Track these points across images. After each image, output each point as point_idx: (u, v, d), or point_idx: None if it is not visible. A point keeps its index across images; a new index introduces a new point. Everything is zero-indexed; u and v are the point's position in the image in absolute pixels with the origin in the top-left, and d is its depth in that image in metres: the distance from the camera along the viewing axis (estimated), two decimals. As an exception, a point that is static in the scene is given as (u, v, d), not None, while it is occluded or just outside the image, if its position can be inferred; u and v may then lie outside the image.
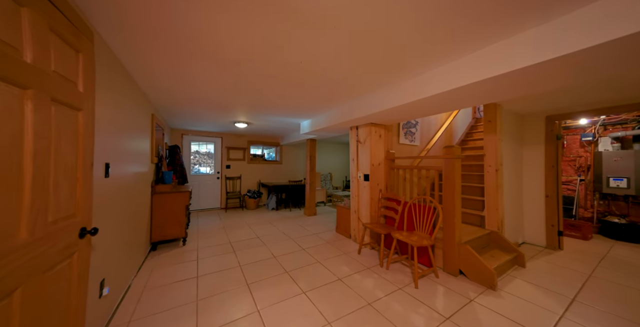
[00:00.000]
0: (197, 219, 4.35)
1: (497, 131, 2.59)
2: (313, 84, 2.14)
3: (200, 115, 3.57)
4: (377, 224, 2.67)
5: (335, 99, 2.62)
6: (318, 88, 2.25)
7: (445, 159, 2.25)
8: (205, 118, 3.76)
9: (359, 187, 3.06)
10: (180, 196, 2.93)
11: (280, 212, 4.98)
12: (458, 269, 2.14)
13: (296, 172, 6.34)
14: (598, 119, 3.57)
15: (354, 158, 3.15)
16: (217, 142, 5.34)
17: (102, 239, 1.41)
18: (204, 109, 3.13)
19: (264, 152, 6.22)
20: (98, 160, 1.34)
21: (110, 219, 1.53)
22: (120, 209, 1.71)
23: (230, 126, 4.46)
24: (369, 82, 2.10)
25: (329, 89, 2.26)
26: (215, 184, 5.28)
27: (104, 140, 1.42)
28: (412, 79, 2.01)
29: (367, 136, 2.93)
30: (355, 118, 2.77)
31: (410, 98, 2.02)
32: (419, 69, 1.81)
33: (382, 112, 2.45)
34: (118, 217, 1.67)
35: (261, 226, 3.94)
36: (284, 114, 3.37)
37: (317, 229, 3.73)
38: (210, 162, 5.34)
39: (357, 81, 2.07)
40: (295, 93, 2.41)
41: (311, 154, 4.68)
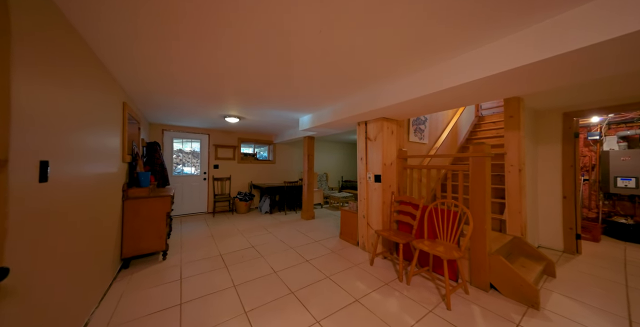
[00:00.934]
0: (180, 227, 3.83)
1: (520, 127, 2.37)
2: (321, 66, 1.77)
3: (185, 107, 3.08)
4: (391, 231, 2.36)
5: (344, 89, 2.28)
6: (327, 73, 1.89)
7: (474, 158, 1.97)
8: (190, 111, 3.27)
9: (368, 190, 2.73)
10: (160, 201, 2.46)
11: (275, 216, 4.56)
12: (488, 282, 1.88)
13: (291, 173, 5.94)
14: (606, 117, 3.51)
15: (362, 157, 2.82)
16: (204, 140, 4.82)
17: (32, 272, 0.97)
18: (190, 97, 2.66)
19: (255, 151, 5.76)
20: (24, 157, 0.90)
21: (50, 239, 1.08)
22: (70, 223, 1.26)
23: (219, 121, 3.98)
24: (385, 67, 1.77)
25: (338, 75, 1.91)
26: (202, 186, 4.76)
27: (38, 130, 0.97)
28: (434, 66, 1.74)
29: (379, 133, 2.61)
30: (365, 112, 2.44)
31: (432, 89, 1.76)
32: (445, 52, 1.52)
33: (397, 105, 2.14)
34: (65, 234, 1.22)
35: (255, 232, 3.51)
36: (282, 106, 2.97)
37: (319, 235, 3.37)
38: (196, 161, 4.81)
39: (371, 64, 1.73)
40: (298, 75, 2.04)
41: (309, 153, 4.31)
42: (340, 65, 1.76)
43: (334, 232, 3.53)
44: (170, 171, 4.41)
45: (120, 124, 2.20)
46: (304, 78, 2.01)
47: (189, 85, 2.24)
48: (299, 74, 1.93)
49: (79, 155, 1.37)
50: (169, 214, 2.58)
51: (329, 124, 3.12)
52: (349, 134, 5.38)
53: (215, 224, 3.96)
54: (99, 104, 1.67)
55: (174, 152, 4.54)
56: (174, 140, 4.54)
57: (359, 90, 2.34)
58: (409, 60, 1.66)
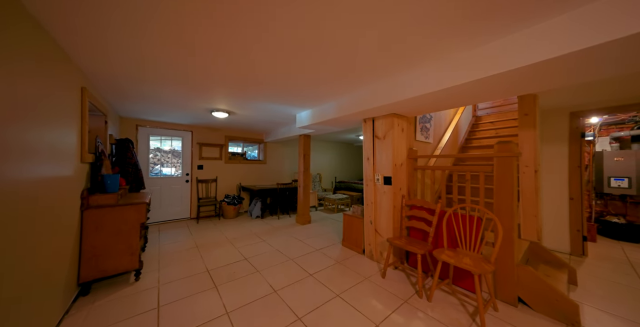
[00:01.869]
0: (158, 236, 3.33)
1: (536, 126, 2.24)
2: (328, 55, 1.48)
3: (164, 99, 2.62)
4: (403, 239, 2.11)
5: (351, 81, 2.00)
6: (333, 62, 1.60)
7: (498, 158, 1.78)
8: (170, 103, 2.81)
9: (376, 193, 2.48)
10: (132, 210, 2.01)
11: (267, 221, 4.18)
12: (516, 296, 1.69)
13: (283, 173, 5.56)
14: (601, 118, 3.56)
15: (368, 157, 2.56)
16: (186, 137, 4.30)
17: None
18: (169, 86, 2.23)
19: (244, 150, 5.31)
20: None
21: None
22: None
23: (204, 117, 3.52)
24: (404, 52, 1.51)
25: (345, 65, 1.63)
26: (184, 189, 4.25)
27: None
28: (452, 55, 1.53)
29: (389, 130, 2.36)
30: (373, 107, 2.18)
31: (451, 82, 1.57)
32: (465, 41, 1.33)
33: (412, 100, 1.91)
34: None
35: (247, 241, 3.13)
36: (280, 100, 2.62)
37: (319, 242, 3.06)
38: (177, 161, 4.29)
39: (384, 53, 1.46)
40: (301, 64, 1.72)
41: (305, 152, 3.99)
42: (347, 54, 1.47)
43: (334, 238, 3.24)
44: (146, 172, 3.87)
45: (77, 114, 1.74)
46: (307, 68, 1.70)
47: (169, 70, 1.83)
48: (302, 63, 1.62)
49: (5, 154, 0.95)
50: (144, 224, 2.14)
51: (331, 121, 2.82)
52: (344, 133, 5.14)
53: (200, 232, 3.50)
54: (41, 88, 1.23)
55: (150, 150, 3.99)
56: (151, 137, 3.99)
57: (367, 83, 2.07)
58: (427, 48, 1.42)
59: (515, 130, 3.62)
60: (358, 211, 2.79)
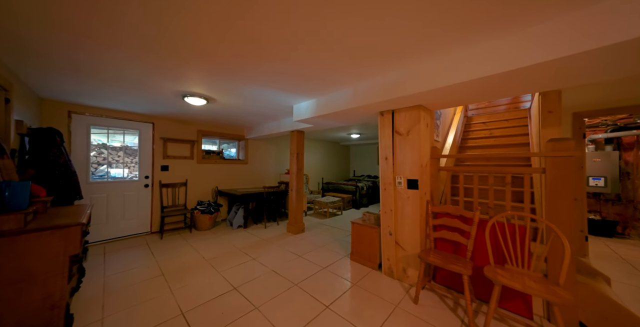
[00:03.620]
0: (103, 262, 2.44)
1: (560, 124, 2.10)
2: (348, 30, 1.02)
3: (113, 73, 1.83)
4: (439, 254, 1.75)
5: (371, 64, 1.56)
6: (352, 42, 1.14)
7: (554, 158, 1.53)
8: (123, 81, 2.01)
9: (396, 198, 2.09)
10: (53, 238, 1.27)
11: (253, 231, 3.51)
12: (578, 321, 1.45)
13: (267, 175, 4.89)
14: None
15: (387, 156, 2.15)
16: (145, 131, 3.37)
17: None
18: (122, 55, 1.50)
19: (221, 148, 4.51)
20: None
21: None
22: None
23: (173, 103, 2.72)
24: (444, 32, 1.14)
25: (366, 44, 1.19)
26: (142, 196, 3.32)
27: None
28: (512, 35, 1.27)
29: (414, 125, 1.99)
30: (397, 97, 1.80)
31: (497, 68, 1.32)
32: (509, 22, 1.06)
33: (447, 89, 1.59)
34: None
35: (232, 260, 2.46)
36: (278, 85, 2.05)
37: (322, 257, 2.56)
38: (131, 161, 3.34)
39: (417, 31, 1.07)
40: (313, 39, 1.22)
41: (298, 151, 3.44)
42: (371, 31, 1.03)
43: (338, 250, 2.77)
44: (85, 175, 2.88)
45: None
46: (318, 45, 1.21)
47: (122, 26, 1.14)
48: (314, 37, 1.13)
49: None
50: (76, 257, 1.38)
51: (340, 114, 2.34)
52: (335, 131, 4.72)
53: (165, 252, 2.70)
54: None
55: (92, 147, 3.00)
56: (94, 129, 2.99)
57: (391, 67, 1.67)
58: (468, 27, 1.08)
59: (508, 130, 3.63)
60: (371, 219, 2.38)
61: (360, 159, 7.19)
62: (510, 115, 3.89)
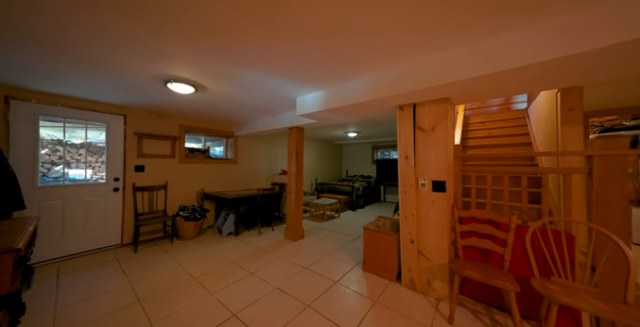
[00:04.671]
0: (55, 288, 1.91)
1: (581, 122, 2.02)
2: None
3: (68, 43, 1.37)
4: (473, 265, 1.55)
5: (403, 46, 1.31)
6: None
7: (603, 157, 1.39)
8: (83, 57, 1.53)
9: (419, 202, 1.86)
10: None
11: (245, 239, 3.11)
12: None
13: (259, 176, 4.47)
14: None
15: (407, 155, 1.92)
16: (115, 124, 2.81)
17: None
18: (89, 16, 1.07)
19: (207, 145, 4.01)
20: None
21: None
22: None
23: (152, 91, 2.25)
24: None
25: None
26: (111, 201, 2.76)
27: None
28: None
29: (440, 120, 1.77)
30: (422, 88, 1.59)
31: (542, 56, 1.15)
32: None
33: (485, 78, 1.39)
34: None
35: (226, 277, 2.07)
36: (286, 71, 1.71)
37: (330, 268, 2.27)
38: (96, 160, 2.76)
39: None
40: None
41: (298, 150, 3.11)
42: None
43: (345, 258, 2.49)
44: (31, 178, 2.29)
45: None
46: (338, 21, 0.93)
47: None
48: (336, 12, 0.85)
49: None
50: (8, 297, 0.94)
51: (353, 108, 2.06)
52: (332, 129, 4.45)
53: (141, 268, 2.22)
54: None
55: (43, 143, 2.41)
56: (43, 120, 2.40)
57: (414, 55, 1.45)
58: (506, 10, 0.90)
59: (507, 130, 3.62)
60: (386, 225, 2.13)
61: (353, 159, 7.00)
62: (507, 115, 3.91)
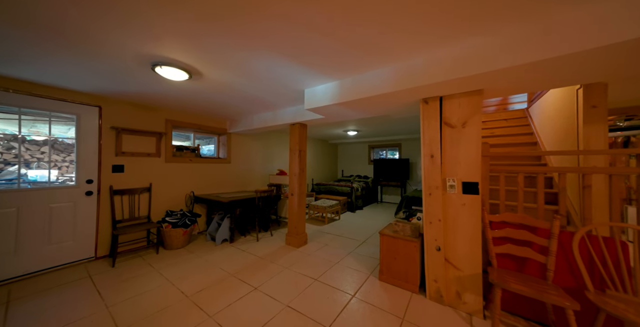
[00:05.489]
0: (2, 317, 1.50)
1: (605, 120, 1.94)
2: None
3: (40, 13, 1.01)
4: (514, 277, 1.39)
5: (440, 28, 1.12)
6: None
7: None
8: (46, 25, 1.17)
9: (446, 206, 1.67)
10: None
11: (242, 246, 2.79)
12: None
13: (254, 176, 4.13)
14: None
15: (433, 153, 1.73)
16: (88, 117, 2.38)
17: None
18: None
19: (197, 143, 3.62)
20: None
21: None
22: None
23: (135, 76, 1.87)
24: None
25: None
26: (82, 207, 2.33)
27: None
28: None
29: (472, 115, 1.60)
30: (454, 78, 1.41)
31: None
32: None
33: (530, 66, 1.23)
34: None
35: (226, 293, 1.76)
36: (299, 54, 1.45)
37: (343, 279, 2.03)
38: (64, 159, 2.32)
39: None
40: None
41: (301, 148, 2.84)
42: None
43: (356, 267, 2.27)
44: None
45: None
46: None
47: None
48: None
49: None
50: None
51: (372, 100, 1.83)
52: (331, 127, 4.22)
53: (120, 287, 1.84)
54: None
55: (-6, 137, 1.95)
56: (-4, 110, 1.94)
57: (448, 39, 1.26)
58: None
59: (508, 130, 3.59)
60: (406, 230, 1.93)
61: (348, 159, 6.82)
62: (507, 115, 3.90)
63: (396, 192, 5.82)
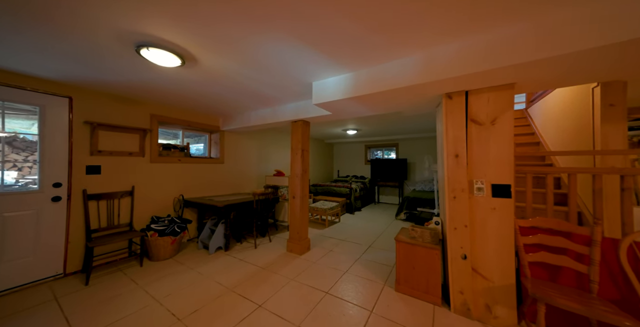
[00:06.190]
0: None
1: (625, 119, 1.88)
2: None
3: None
4: (556, 289, 1.25)
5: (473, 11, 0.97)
6: None
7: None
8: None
9: (472, 209, 1.53)
10: None
11: (239, 254, 2.51)
12: None
13: (249, 178, 3.84)
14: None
15: (458, 153, 1.57)
16: (55, 109, 2.00)
17: None
18: None
19: (186, 142, 3.28)
20: None
21: None
22: None
23: (115, 61, 1.56)
24: None
25: None
26: (47, 215, 1.96)
27: None
28: None
29: (503, 111, 1.46)
30: (487, 70, 1.27)
31: None
32: None
33: (575, 56, 1.11)
34: None
35: (226, 314, 1.49)
36: (315, 36, 1.23)
37: (357, 291, 1.83)
38: (25, 159, 1.94)
39: None
40: None
41: (304, 147, 2.61)
42: None
43: (368, 275, 2.08)
44: None
45: None
46: None
47: None
48: None
49: None
50: None
51: (386, 95, 1.65)
52: (330, 125, 4.03)
53: (95, 311, 1.52)
54: None
55: None
56: None
57: (480, 24, 1.10)
58: None
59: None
60: (425, 237, 1.77)
61: (345, 159, 6.66)
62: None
63: (393, 193, 5.73)
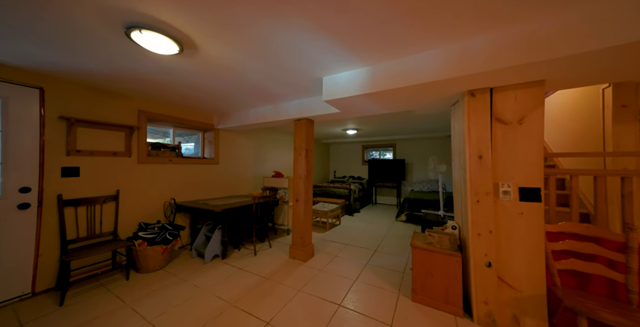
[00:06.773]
0: None
1: (636, 120, 1.86)
2: None
3: None
4: (591, 301, 1.17)
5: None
6: None
7: None
8: None
9: (497, 214, 1.43)
10: None
11: (238, 263, 2.30)
12: None
13: (245, 179, 3.61)
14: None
15: (481, 154, 1.47)
16: (21, 102, 1.71)
17: None
18: None
19: (177, 141, 3.01)
20: None
21: None
22: None
23: (98, 46, 1.31)
24: None
25: None
26: (12, 226, 1.66)
27: None
28: None
29: (533, 109, 1.37)
30: (518, 65, 1.16)
31: None
32: None
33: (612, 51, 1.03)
34: None
35: (229, 344, 1.31)
36: (338, 26, 1.07)
37: (370, 302, 1.68)
38: (-12, 158, 1.64)
39: None
40: None
41: (308, 147, 2.45)
42: None
43: (380, 283, 1.94)
44: None
45: None
46: None
47: None
48: None
49: None
50: None
51: (404, 91, 1.52)
52: (330, 125, 3.89)
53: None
54: None
55: None
56: None
57: (514, 16, 0.99)
58: None
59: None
60: (443, 242, 1.66)
61: (341, 159, 6.54)
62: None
63: (391, 194, 5.67)
